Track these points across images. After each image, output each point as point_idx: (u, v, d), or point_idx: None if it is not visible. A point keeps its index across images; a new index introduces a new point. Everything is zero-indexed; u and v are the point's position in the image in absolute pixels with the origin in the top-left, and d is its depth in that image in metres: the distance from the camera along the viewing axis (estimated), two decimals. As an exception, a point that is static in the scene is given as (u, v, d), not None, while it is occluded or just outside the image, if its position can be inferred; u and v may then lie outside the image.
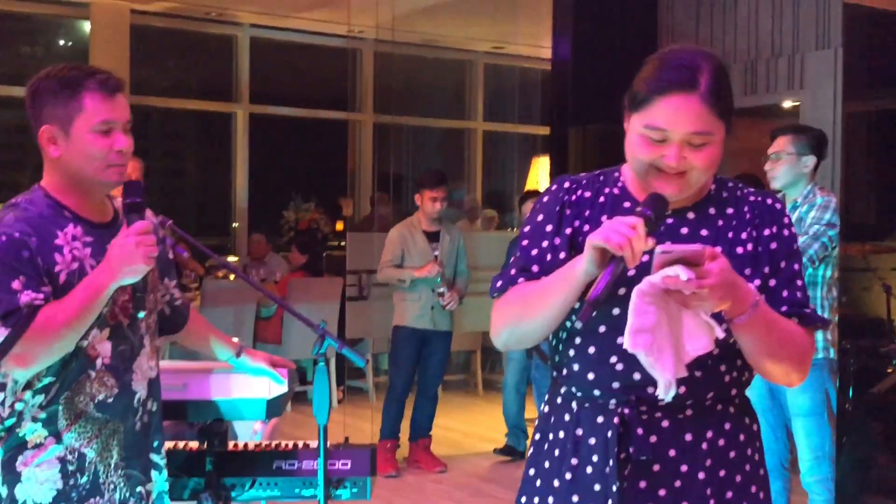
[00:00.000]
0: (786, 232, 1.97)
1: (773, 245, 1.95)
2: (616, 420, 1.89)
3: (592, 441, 1.92)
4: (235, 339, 2.84)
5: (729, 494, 1.93)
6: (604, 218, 1.94)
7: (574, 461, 1.94)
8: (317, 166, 10.74)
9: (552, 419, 2.01)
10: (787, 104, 6.45)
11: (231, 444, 3.01)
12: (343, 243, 9.91)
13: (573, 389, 1.97)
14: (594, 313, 1.79)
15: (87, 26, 8.98)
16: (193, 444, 2.94)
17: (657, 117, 1.84)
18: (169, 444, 2.97)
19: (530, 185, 9.22)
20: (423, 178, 6.32)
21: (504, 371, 6.93)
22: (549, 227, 1.99)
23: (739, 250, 1.94)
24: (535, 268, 1.98)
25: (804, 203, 4.27)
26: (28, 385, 2.26)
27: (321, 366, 2.74)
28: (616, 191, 2.01)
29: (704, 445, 1.91)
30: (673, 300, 1.74)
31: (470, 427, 7.37)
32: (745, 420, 1.97)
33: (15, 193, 2.39)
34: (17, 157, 9.28)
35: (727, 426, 1.94)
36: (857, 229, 5.39)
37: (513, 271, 2.01)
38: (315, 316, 2.99)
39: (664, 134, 1.84)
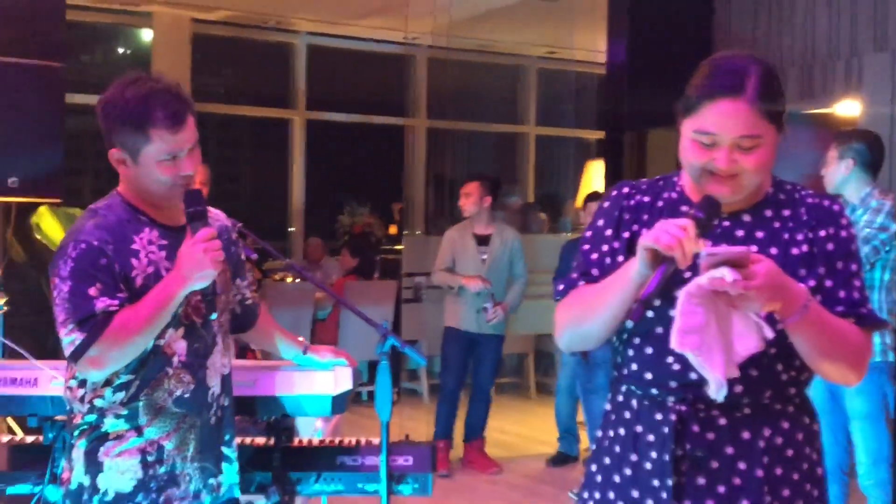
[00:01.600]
0: (843, 233, 1.97)
1: (830, 246, 1.96)
2: (673, 417, 1.93)
3: (651, 438, 1.96)
4: (301, 338, 2.91)
5: (786, 493, 1.94)
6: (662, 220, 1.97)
7: (633, 457, 1.98)
8: (371, 171, 10.81)
9: (613, 417, 2.06)
10: (844, 107, 6.40)
11: (296, 441, 3.08)
12: (397, 247, 9.99)
13: (633, 388, 2.01)
14: (647, 313, 1.88)
15: (148, 35, 9.14)
16: (260, 440, 3.01)
17: (706, 122, 1.89)
18: (236, 440, 3.05)
19: (585, 188, 9.20)
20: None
21: (557, 374, 6.95)
22: (608, 232, 2.05)
23: (794, 251, 1.95)
24: (594, 271, 2.03)
25: (861, 206, 4.27)
26: (107, 382, 2.33)
27: (384, 363, 2.78)
28: (674, 195, 2.05)
29: (762, 443, 1.93)
30: (721, 301, 1.77)
31: (524, 430, 7.38)
32: (804, 419, 1.98)
33: (77, 198, 2.48)
34: (79, 165, 9.46)
35: (785, 425, 1.96)
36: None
37: (574, 275, 2.06)
38: (371, 318, 3.03)
39: (713, 138, 1.89)
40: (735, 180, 1.91)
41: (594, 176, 9.03)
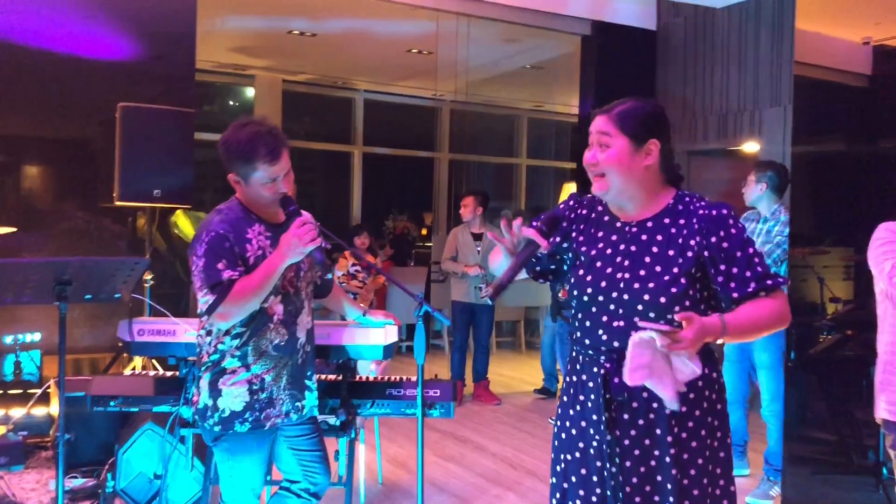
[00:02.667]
0: (732, 230, 1.87)
1: (725, 245, 1.86)
2: (602, 371, 1.90)
3: (591, 385, 1.94)
4: (362, 304, 2.92)
5: (690, 424, 1.88)
6: (592, 230, 1.97)
7: (581, 398, 1.96)
8: (408, 189, 10.80)
9: (569, 367, 2.03)
10: (749, 146, 6.36)
11: (357, 377, 3.09)
12: (427, 244, 9.99)
13: (578, 348, 1.99)
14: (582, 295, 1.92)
15: (250, 91, 9.15)
16: (332, 377, 3.03)
17: (591, 127, 1.93)
18: (316, 376, 3.06)
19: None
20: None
21: (540, 335, 6.93)
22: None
23: (689, 254, 1.86)
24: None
25: (772, 218, 4.28)
26: (227, 332, 2.36)
27: (420, 324, 2.78)
28: (600, 208, 2.01)
29: (669, 438, 1.86)
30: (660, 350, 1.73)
31: (517, 374, 7.37)
32: (703, 369, 1.85)
33: (201, 206, 2.51)
34: (199, 184, 9.47)
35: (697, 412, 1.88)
36: (801, 238, 5.30)
37: None
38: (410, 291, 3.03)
39: (590, 138, 1.92)
40: (603, 179, 1.89)
41: (570, 194, 8.96)
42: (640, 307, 1.86)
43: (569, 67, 7.42)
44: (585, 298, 1.92)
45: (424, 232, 10.45)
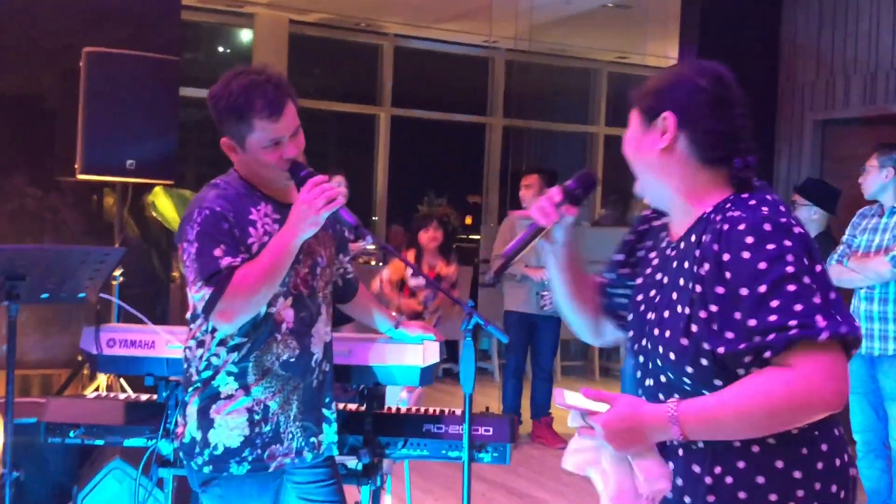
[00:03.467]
0: (745, 255, 1.59)
1: (728, 274, 1.61)
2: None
3: None
4: (394, 313, 2.94)
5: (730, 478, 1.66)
6: (646, 251, 1.91)
7: None
8: (449, 165, 10.83)
9: None
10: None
11: (386, 408, 3.11)
12: (472, 236, 10.01)
13: None
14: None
15: (248, 35, 9.25)
16: (353, 406, 3.05)
17: None
18: (331, 405, 3.09)
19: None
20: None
21: (621, 359, 6.91)
22: (629, 237, 1.99)
23: (691, 286, 1.67)
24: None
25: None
26: (222, 342, 2.38)
27: (468, 340, 2.78)
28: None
29: (708, 479, 1.67)
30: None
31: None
32: (773, 462, 1.63)
33: (183, 184, 2.54)
34: (183, 153, 9.59)
35: (740, 464, 1.65)
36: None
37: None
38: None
39: None
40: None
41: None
42: (659, 362, 1.72)
43: (664, 6, 7.36)
44: (629, 344, 1.85)
45: (469, 220, 10.47)
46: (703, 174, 1.73)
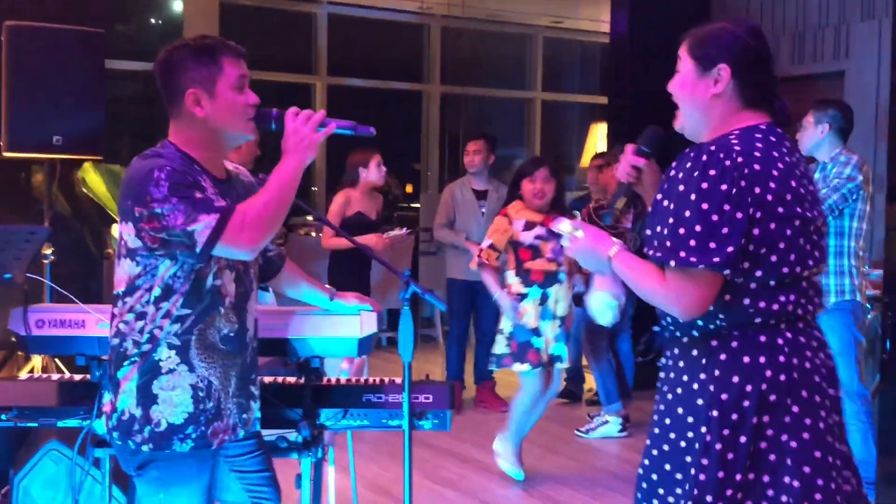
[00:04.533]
0: (674, 173, 2.03)
1: (665, 185, 2.06)
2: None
3: None
4: (327, 286, 2.91)
5: (661, 407, 2.15)
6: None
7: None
8: (388, 134, 10.74)
9: None
10: (833, 74, 6.33)
11: (325, 380, 3.08)
12: (413, 204, 9.97)
13: None
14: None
15: (179, 5, 9.06)
16: (292, 379, 3.02)
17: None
18: (269, 378, 3.06)
19: (590, 149, 9.16)
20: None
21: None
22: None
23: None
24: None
25: (831, 163, 4.35)
26: (167, 314, 2.32)
27: (406, 309, 2.78)
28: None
29: (663, 361, 2.19)
30: None
31: (531, 372, 7.38)
32: (691, 351, 2.09)
33: (115, 159, 2.47)
34: (115, 127, 9.39)
35: (675, 350, 2.14)
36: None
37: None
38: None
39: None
40: (679, 112, 2.17)
41: (598, 138, 8.97)
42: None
43: (597, -30, 7.35)
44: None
45: (410, 189, 10.43)
46: (743, 114, 2.11)
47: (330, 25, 9.67)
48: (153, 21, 9.94)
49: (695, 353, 2.07)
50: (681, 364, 2.09)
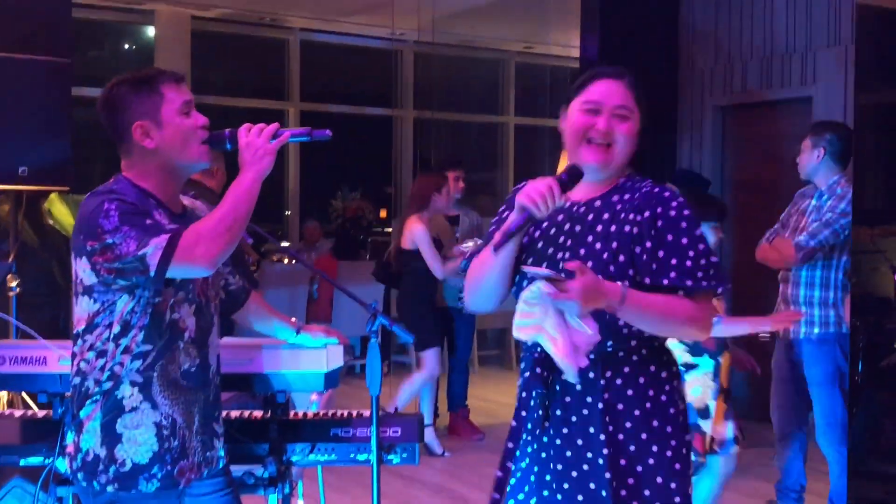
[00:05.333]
0: (672, 213, 2.18)
1: (659, 223, 2.16)
2: (538, 369, 2.18)
3: (531, 380, 2.22)
4: (293, 319, 2.88)
5: (628, 424, 2.18)
6: (533, 181, 2.23)
7: (523, 394, 2.26)
8: (362, 158, 10.75)
9: (523, 363, 2.33)
10: (800, 99, 6.38)
11: (292, 414, 3.05)
12: (387, 229, 9.96)
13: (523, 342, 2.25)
14: (507, 245, 2.18)
15: (152, 31, 9.04)
16: (258, 413, 2.99)
17: (592, 94, 2.23)
18: (235, 413, 3.03)
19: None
20: (444, 161, 6.42)
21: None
22: (505, 214, 2.33)
23: (626, 229, 2.18)
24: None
25: (828, 192, 4.31)
26: (127, 350, 2.29)
27: (373, 341, 2.78)
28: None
29: (602, 382, 2.17)
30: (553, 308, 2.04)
31: (506, 398, 7.35)
32: (649, 367, 2.21)
33: (88, 186, 2.43)
34: (87, 154, 9.37)
35: (626, 369, 2.19)
36: (867, 214, 5.34)
37: (478, 250, 2.34)
38: (362, 296, 3.04)
39: (597, 105, 2.21)
40: (610, 150, 2.21)
41: (569, 163, 8.96)
42: None
43: (567, -4, 7.38)
44: (525, 283, 2.18)
45: (384, 214, 10.41)
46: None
47: (303, 51, 9.68)
48: (127, 47, 9.91)
49: (653, 368, 2.22)
50: (640, 381, 2.20)
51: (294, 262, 7.98)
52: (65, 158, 4.40)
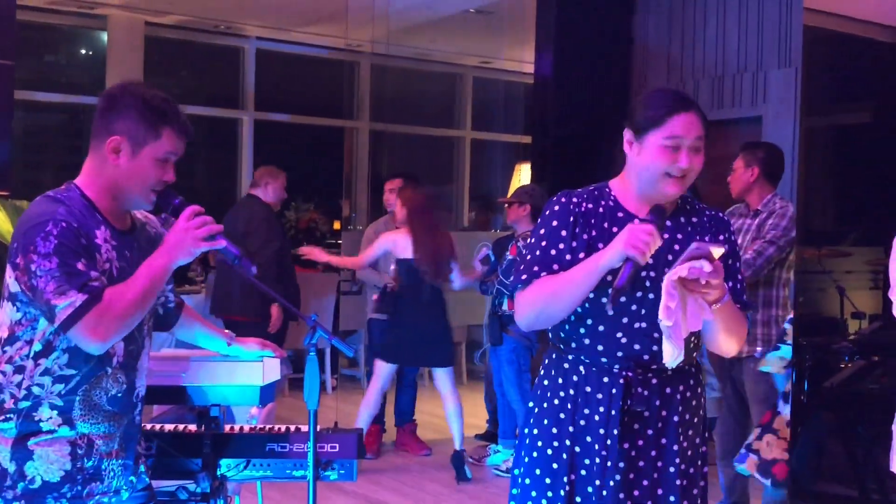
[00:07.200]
0: (732, 237, 2.45)
1: (727, 252, 2.35)
2: (622, 381, 2.32)
3: (599, 396, 2.34)
4: (227, 331, 2.81)
5: (690, 432, 2.40)
6: (605, 224, 2.36)
7: (586, 411, 2.35)
8: (316, 170, 10.68)
9: (560, 381, 2.40)
10: (750, 118, 6.43)
11: (227, 428, 2.97)
12: (340, 241, 9.87)
13: (582, 358, 2.37)
14: (620, 299, 2.28)
15: (104, 37, 8.90)
16: (192, 427, 2.91)
17: (674, 129, 2.27)
18: (169, 427, 2.94)
19: (514, 188, 9.17)
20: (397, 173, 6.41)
21: (487, 362, 6.89)
22: (563, 233, 2.36)
23: None
24: (555, 266, 2.34)
25: (764, 210, 4.31)
26: (47, 372, 2.22)
27: (312, 355, 2.71)
28: (610, 202, 2.39)
29: (678, 396, 2.36)
30: (682, 287, 2.16)
31: (454, 413, 7.30)
32: (699, 376, 2.45)
33: (37, 192, 2.35)
34: (39, 159, 9.21)
35: (691, 381, 2.40)
36: (813, 235, 5.38)
37: (535, 268, 2.36)
38: (313, 309, 2.99)
39: (679, 141, 2.27)
40: (684, 181, 2.30)
41: (522, 177, 8.99)
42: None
43: (522, 12, 7.40)
44: (604, 300, 2.29)
45: (338, 226, 10.33)
46: None
47: (258, 61, 9.60)
48: (82, 52, 9.77)
49: (692, 382, 2.42)
50: (698, 391, 2.42)
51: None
52: (4, 163, 4.29)
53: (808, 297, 5.78)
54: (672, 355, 2.22)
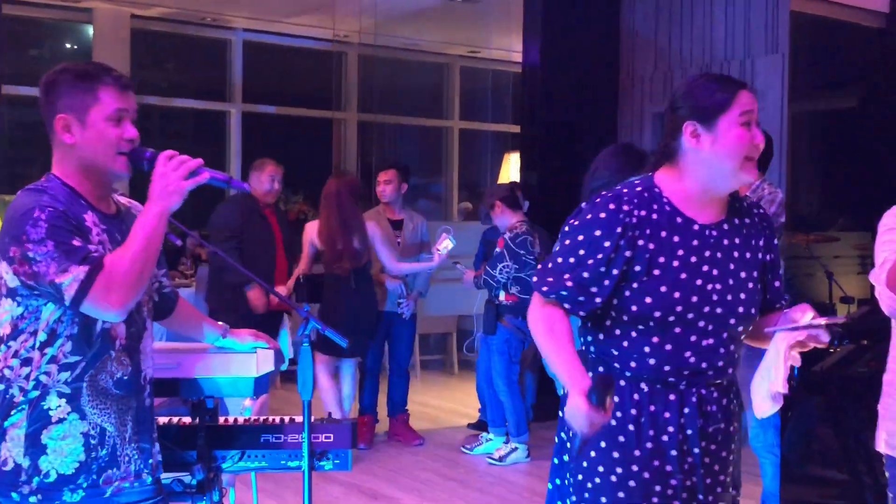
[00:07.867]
0: (774, 237, 2.31)
1: (770, 256, 2.28)
2: (694, 399, 2.20)
3: (667, 415, 2.20)
4: (221, 323, 2.81)
5: (736, 439, 2.34)
6: (663, 234, 2.17)
7: (651, 433, 2.20)
8: (305, 161, 10.66)
9: (615, 399, 2.15)
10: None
11: (222, 419, 2.97)
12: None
13: (643, 376, 2.20)
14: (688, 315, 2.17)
15: (90, 30, 8.87)
16: (186, 419, 2.91)
17: (745, 104, 2.13)
18: (163, 419, 2.94)
19: (503, 178, 9.19)
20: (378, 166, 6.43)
21: (478, 352, 6.91)
22: (607, 244, 2.16)
23: (760, 257, 2.25)
24: (585, 274, 2.15)
25: (753, 197, 4.31)
26: (54, 360, 2.22)
27: (305, 346, 2.72)
28: (666, 208, 2.20)
29: (731, 407, 2.30)
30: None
31: (446, 403, 7.35)
32: (737, 385, 2.36)
33: (23, 187, 2.34)
34: (27, 153, 9.17)
35: (735, 389, 2.33)
36: (802, 221, 5.42)
37: (565, 276, 2.17)
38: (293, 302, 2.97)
39: (750, 116, 2.14)
40: (754, 164, 2.17)
41: (512, 166, 9.01)
42: (732, 321, 2.21)
43: (508, 1, 7.40)
44: (672, 318, 2.16)
45: (327, 216, 10.32)
46: None
47: (245, 53, 9.57)
48: (68, 46, 9.72)
49: (735, 389, 2.34)
50: (734, 405, 2.32)
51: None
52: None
53: (796, 282, 5.82)
54: (770, 412, 2.24)
